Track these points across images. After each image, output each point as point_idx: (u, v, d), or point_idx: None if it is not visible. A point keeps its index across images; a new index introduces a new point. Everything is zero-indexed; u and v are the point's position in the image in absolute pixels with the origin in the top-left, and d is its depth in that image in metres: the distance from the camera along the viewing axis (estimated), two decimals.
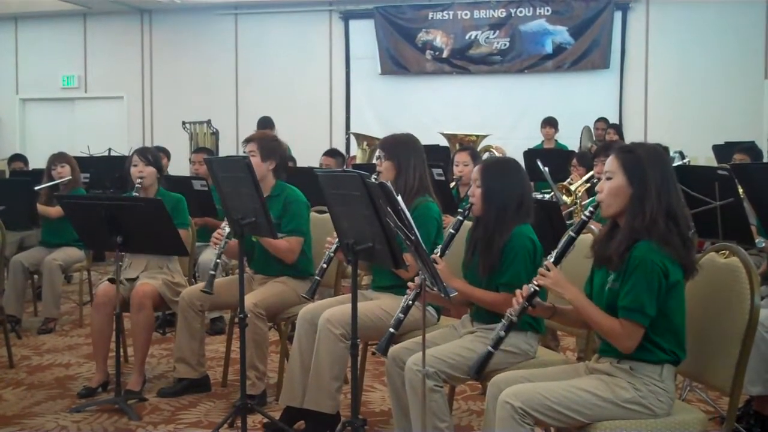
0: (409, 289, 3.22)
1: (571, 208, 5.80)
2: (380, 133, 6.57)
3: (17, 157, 8.68)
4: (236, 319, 3.94)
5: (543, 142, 10.39)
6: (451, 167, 5.98)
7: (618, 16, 11.83)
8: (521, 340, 3.22)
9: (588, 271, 2.87)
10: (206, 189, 6.03)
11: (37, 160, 8.32)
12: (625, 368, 2.66)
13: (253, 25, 13.30)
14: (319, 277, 3.77)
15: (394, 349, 3.34)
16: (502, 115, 11.96)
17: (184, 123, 11.86)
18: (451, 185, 5.88)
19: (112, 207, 4.13)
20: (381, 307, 3.77)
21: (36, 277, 6.30)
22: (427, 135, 8.70)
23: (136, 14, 13.69)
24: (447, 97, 12.38)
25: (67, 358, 5.33)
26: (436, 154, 8.10)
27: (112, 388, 4.39)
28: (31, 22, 14.06)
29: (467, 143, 8.59)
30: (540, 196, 5.77)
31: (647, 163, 2.65)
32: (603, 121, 10.60)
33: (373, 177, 3.02)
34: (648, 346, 2.62)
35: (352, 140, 11.26)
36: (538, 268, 2.77)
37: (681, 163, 6.71)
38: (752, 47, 11.33)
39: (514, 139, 10.79)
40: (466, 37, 12.35)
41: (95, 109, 14.00)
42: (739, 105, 11.25)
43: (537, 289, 2.77)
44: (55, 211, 5.92)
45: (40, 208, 6.04)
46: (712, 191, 4.22)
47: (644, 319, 2.57)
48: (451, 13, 12.40)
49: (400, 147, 3.93)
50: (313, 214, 4.66)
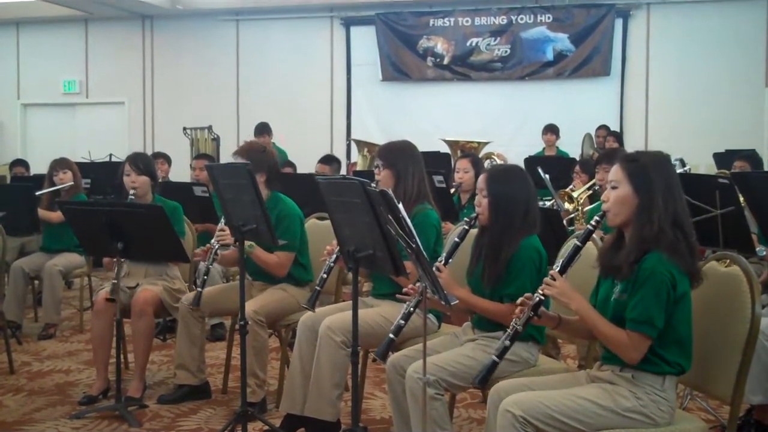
0: (408, 294, 3.19)
1: (572, 215, 5.80)
2: (381, 140, 6.59)
3: (18, 163, 8.68)
4: (237, 326, 3.94)
5: (544, 149, 10.40)
6: (453, 174, 5.97)
7: (619, 23, 11.85)
8: (522, 348, 3.21)
9: (593, 281, 2.85)
10: (207, 195, 6.02)
11: (39, 166, 8.34)
12: (627, 377, 2.65)
13: (254, 31, 13.32)
14: (319, 288, 3.73)
15: (395, 356, 3.34)
16: (503, 122, 11.97)
17: (185, 129, 11.86)
18: (452, 192, 5.87)
19: (113, 213, 4.13)
20: (381, 314, 3.76)
21: (36, 282, 6.29)
22: (428, 142, 8.75)
23: (138, 20, 13.71)
24: (448, 103, 12.38)
25: (67, 364, 5.32)
26: (437, 161, 8.11)
27: (112, 395, 4.39)
28: (33, 28, 14.09)
29: (468, 150, 8.60)
30: (541, 204, 5.76)
31: (652, 172, 2.65)
32: (604, 128, 10.60)
33: (372, 185, 3.01)
34: (652, 359, 2.61)
35: (353, 147, 11.27)
36: (544, 278, 2.76)
37: (682, 170, 6.71)
38: (753, 55, 11.34)
39: (515, 146, 10.81)
40: (467, 44, 12.37)
41: (96, 115, 14.02)
42: (740, 113, 11.26)
43: (542, 298, 2.75)
44: (56, 216, 5.89)
45: (41, 213, 6.02)
46: (713, 199, 4.21)
47: (652, 331, 2.56)
48: (452, 20, 12.42)
49: (398, 155, 3.92)
50: (313, 220, 4.66)
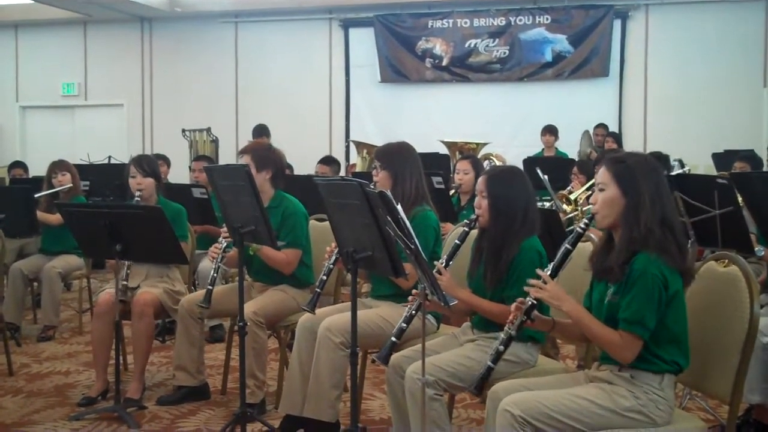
0: (411, 299, 3.21)
1: (571, 215, 5.79)
2: (380, 141, 6.58)
3: (17, 165, 8.65)
4: (236, 327, 3.94)
5: (543, 150, 10.40)
6: (452, 175, 5.96)
7: (617, 24, 11.84)
8: (522, 349, 3.21)
9: (587, 284, 2.86)
10: (206, 197, 6.02)
11: (37, 168, 8.33)
12: (626, 376, 2.66)
13: (253, 33, 13.31)
14: (319, 290, 3.73)
15: (394, 357, 3.34)
16: (501, 123, 11.96)
17: (183, 131, 11.86)
18: (451, 193, 5.88)
19: (112, 215, 4.12)
20: (380, 315, 3.76)
21: (35, 284, 6.30)
22: (427, 143, 8.76)
23: (137, 22, 13.70)
24: (447, 105, 12.38)
25: (66, 365, 5.32)
26: (436, 162, 8.12)
27: (111, 396, 4.38)
28: (32, 30, 14.08)
29: (467, 151, 8.60)
30: (540, 205, 5.76)
31: (639, 173, 2.66)
32: (603, 127, 10.59)
33: (371, 186, 3.01)
34: (650, 358, 2.62)
35: (352, 148, 11.27)
36: (535, 281, 2.74)
37: (681, 171, 6.71)
38: (751, 55, 11.34)
39: (514, 147, 10.81)
40: (466, 45, 12.37)
41: (95, 117, 14.01)
42: (739, 113, 11.26)
43: (535, 302, 2.76)
44: (55, 218, 5.91)
45: (40, 215, 6.02)
46: (712, 200, 4.22)
47: (644, 332, 2.57)
48: (451, 21, 12.42)
49: (396, 156, 3.92)
50: (313, 222, 4.66)
